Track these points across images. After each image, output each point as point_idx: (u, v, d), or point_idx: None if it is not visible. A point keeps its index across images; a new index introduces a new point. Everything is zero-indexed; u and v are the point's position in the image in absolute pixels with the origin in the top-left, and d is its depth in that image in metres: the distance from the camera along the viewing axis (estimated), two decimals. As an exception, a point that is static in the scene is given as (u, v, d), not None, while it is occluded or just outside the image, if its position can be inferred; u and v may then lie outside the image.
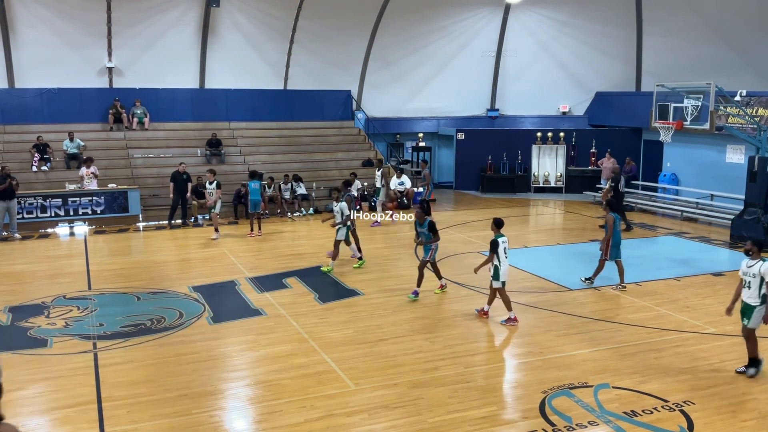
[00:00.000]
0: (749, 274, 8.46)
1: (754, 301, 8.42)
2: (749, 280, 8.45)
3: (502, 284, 10.54)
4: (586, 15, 26.13)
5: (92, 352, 9.46)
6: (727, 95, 17.15)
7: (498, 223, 10.70)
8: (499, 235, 10.56)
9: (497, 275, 10.49)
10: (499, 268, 10.44)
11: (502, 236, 10.58)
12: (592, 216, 20.62)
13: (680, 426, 7.27)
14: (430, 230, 11.83)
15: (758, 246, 8.57)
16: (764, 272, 8.30)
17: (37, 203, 18.32)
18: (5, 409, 7.70)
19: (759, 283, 8.36)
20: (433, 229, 11.88)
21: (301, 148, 24.15)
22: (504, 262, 10.47)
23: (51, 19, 21.64)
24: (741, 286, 8.62)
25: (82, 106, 22.47)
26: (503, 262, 10.45)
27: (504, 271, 10.49)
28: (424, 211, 11.99)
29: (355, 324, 10.63)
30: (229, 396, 8.13)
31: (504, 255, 10.46)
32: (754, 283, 8.41)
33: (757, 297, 8.39)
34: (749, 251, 8.56)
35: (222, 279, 13.34)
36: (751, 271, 8.45)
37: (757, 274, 8.37)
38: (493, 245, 10.46)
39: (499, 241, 10.45)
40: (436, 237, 11.87)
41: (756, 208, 16.44)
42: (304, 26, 24.25)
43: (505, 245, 10.54)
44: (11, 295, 12.25)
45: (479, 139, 25.68)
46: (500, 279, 10.49)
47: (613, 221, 12.64)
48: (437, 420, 7.41)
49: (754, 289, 8.41)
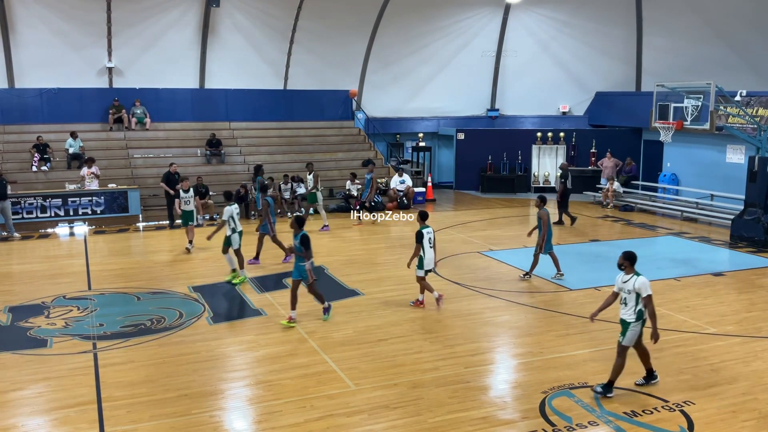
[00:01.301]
0: (624, 290, 7.94)
1: (630, 317, 7.91)
2: (625, 296, 7.94)
3: (425, 273, 11.19)
4: (586, 15, 26.14)
5: (92, 352, 9.46)
6: (727, 95, 17.16)
7: (423, 216, 11.31)
8: (424, 226, 11.15)
9: (421, 264, 11.12)
10: (423, 258, 11.07)
11: (427, 227, 11.19)
12: (592, 216, 20.62)
13: (680, 426, 7.27)
14: (302, 244, 10.36)
15: (630, 260, 7.98)
16: (639, 288, 7.79)
17: (37, 203, 18.31)
18: (5, 409, 7.71)
19: (635, 300, 7.85)
20: (306, 245, 10.37)
21: (301, 148, 24.14)
22: (428, 251, 11.10)
23: (51, 19, 21.65)
24: (612, 298, 8.16)
25: (82, 106, 22.48)
26: (427, 252, 11.08)
27: (428, 260, 11.12)
28: (297, 223, 10.57)
29: (355, 324, 10.63)
30: (229, 396, 8.13)
31: (429, 245, 11.09)
32: (630, 300, 7.89)
33: (632, 313, 7.87)
34: (621, 266, 8.00)
35: (222, 279, 13.34)
36: (626, 287, 7.92)
37: (632, 290, 7.85)
38: (418, 236, 11.04)
39: (423, 233, 11.05)
40: (307, 254, 10.38)
41: (756, 208, 16.45)
42: (304, 26, 24.26)
43: (430, 236, 11.15)
44: (11, 295, 12.26)
45: (479, 139, 25.69)
46: (424, 268, 11.15)
47: (547, 216, 12.79)
48: (437, 420, 7.41)
49: (630, 305, 7.89)
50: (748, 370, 8.78)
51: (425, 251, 11.07)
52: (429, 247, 11.12)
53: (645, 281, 7.83)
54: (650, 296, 7.81)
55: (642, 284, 7.82)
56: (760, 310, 11.31)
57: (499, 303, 11.75)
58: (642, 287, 7.81)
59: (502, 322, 10.84)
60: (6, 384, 8.39)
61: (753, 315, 11.07)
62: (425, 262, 11.11)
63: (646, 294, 7.78)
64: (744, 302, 11.86)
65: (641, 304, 7.83)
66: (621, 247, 16.33)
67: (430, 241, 11.16)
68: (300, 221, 10.59)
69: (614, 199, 22.09)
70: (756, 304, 11.72)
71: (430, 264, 11.20)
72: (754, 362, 9.03)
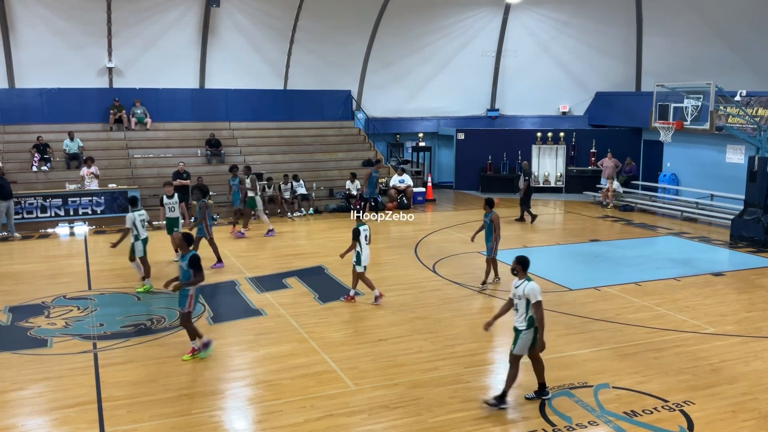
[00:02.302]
0: (516, 296, 7.65)
1: (521, 324, 7.61)
2: (516, 302, 7.66)
3: (363, 269, 11.56)
4: (586, 15, 26.13)
5: (92, 352, 9.46)
6: (727, 95, 17.17)
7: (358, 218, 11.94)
8: (360, 224, 11.54)
9: (359, 261, 11.51)
10: (361, 254, 11.46)
11: (364, 225, 11.56)
12: (592, 216, 20.63)
13: (680, 426, 7.27)
14: (191, 266, 8.95)
15: (522, 265, 7.73)
16: (529, 293, 7.49)
17: (37, 203, 18.30)
18: (5, 409, 7.72)
19: (525, 306, 7.55)
20: (196, 266, 8.95)
21: (301, 148, 24.15)
22: (365, 248, 11.48)
23: (51, 19, 21.64)
24: (508, 305, 7.91)
25: (82, 106, 22.47)
26: (364, 249, 11.47)
27: (365, 256, 11.51)
28: (186, 240, 9.14)
29: (355, 324, 10.63)
30: (229, 396, 8.13)
31: (365, 242, 11.47)
32: (521, 306, 7.58)
33: (523, 321, 7.58)
34: (514, 270, 7.76)
35: (222, 279, 13.34)
36: (517, 292, 7.62)
37: (522, 295, 7.55)
38: (355, 233, 11.44)
39: (360, 230, 11.44)
40: (198, 277, 8.99)
41: (756, 208, 16.45)
42: (304, 26, 24.25)
43: (366, 233, 11.51)
44: (11, 295, 12.25)
45: (479, 139, 25.69)
46: (362, 264, 11.51)
47: (498, 219, 12.60)
48: (437, 420, 7.41)
49: (521, 311, 7.60)
50: (748, 370, 8.78)
51: (362, 248, 11.46)
52: (365, 244, 11.52)
53: (535, 287, 7.54)
54: (539, 302, 7.49)
55: (531, 290, 7.51)
56: (760, 310, 11.32)
57: (499, 303, 11.70)
58: (531, 293, 7.49)
59: (502, 322, 10.78)
60: (6, 384, 8.39)
61: (753, 315, 11.07)
62: (362, 258, 11.50)
63: (536, 300, 7.47)
64: (744, 302, 11.87)
65: (532, 310, 7.52)
66: (621, 247, 16.39)
67: (367, 238, 11.55)
68: (188, 239, 9.18)
69: (614, 199, 22.10)
70: (756, 304, 11.72)
71: (367, 260, 11.61)
72: (754, 362, 9.04)
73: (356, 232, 11.43)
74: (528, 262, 7.82)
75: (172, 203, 14.50)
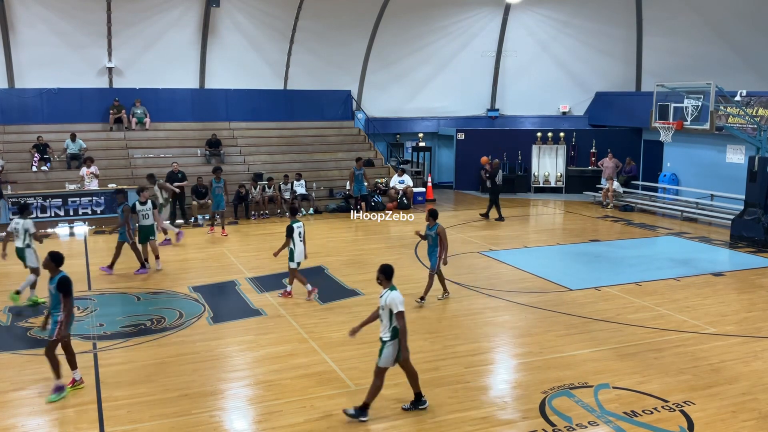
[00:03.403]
0: (380, 306, 7.39)
1: (385, 335, 7.31)
2: (381, 312, 7.38)
3: (297, 265, 11.77)
4: (586, 15, 26.12)
5: (92, 352, 9.46)
6: (727, 95, 17.17)
7: (292, 211, 12.22)
8: (294, 221, 11.76)
9: (292, 257, 11.70)
10: (294, 250, 11.65)
11: (298, 222, 11.81)
12: (592, 216, 20.62)
13: (680, 426, 7.27)
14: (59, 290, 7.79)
15: (385, 274, 7.46)
16: (390, 303, 7.22)
17: (37, 203, 18.28)
18: (5, 409, 7.71)
19: (389, 316, 7.27)
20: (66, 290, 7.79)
21: (301, 148, 24.15)
22: (298, 245, 11.72)
23: (51, 19, 21.63)
24: (377, 313, 7.59)
25: (82, 106, 22.47)
26: (297, 245, 11.68)
27: (298, 253, 11.72)
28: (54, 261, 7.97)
29: (355, 324, 10.59)
30: (229, 396, 8.13)
31: (299, 239, 11.73)
32: (385, 316, 7.31)
33: (387, 331, 7.29)
34: (378, 279, 7.51)
35: (222, 279, 13.34)
36: (380, 302, 7.38)
37: (384, 306, 7.29)
38: (288, 230, 11.62)
39: (294, 227, 11.66)
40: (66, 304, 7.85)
41: (756, 208, 16.45)
42: (304, 26, 24.25)
43: (300, 230, 11.78)
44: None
45: (479, 139, 25.67)
46: (295, 260, 11.73)
47: (444, 231, 11.61)
48: (437, 420, 7.41)
49: (385, 322, 7.31)
50: (748, 370, 8.78)
51: (296, 244, 11.66)
52: (299, 240, 11.75)
53: (396, 296, 7.26)
54: (401, 313, 7.23)
55: (392, 300, 7.24)
56: (760, 310, 11.32)
57: (499, 303, 11.75)
58: (393, 303, 7.22)
59: (502, 322, 10.84)
60: (6, 384, 8.39)
61: (753, 315, 11.07)
62: (296, 255, 11.69)
63: (397, 310, 7.21)
64: (744, 302, 11.87)
65: (395, 321, 7.24)
66: (621, 247, 16.41)
67: (300, 235, 11.78)
68: (56, 259, 8.08)
69: (614, 199, 22.10)
70: (756, 304, 11.73)
71: (300, 256, 11.81)
72: (754, 362, 9.04)
73: (290, 229, 11.64)
74: (391, 270, 7.51)
75: (146, 210, 14.08)
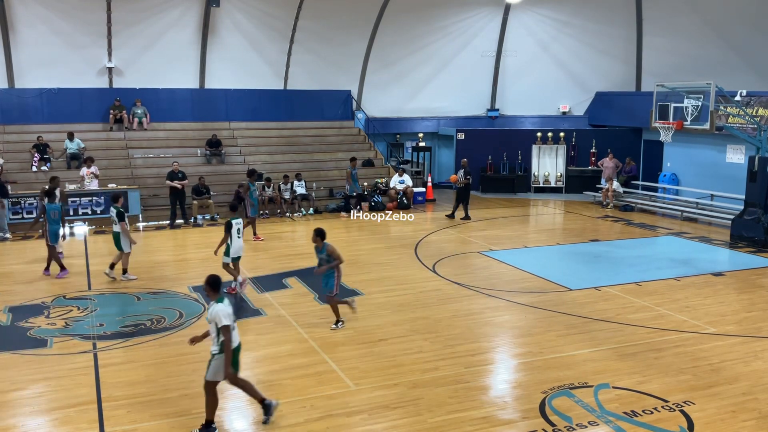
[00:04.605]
0: (207, 319, 7.10)
1: (214, 348, 7.04)
2: (210, 326, 7.06)
3: (231, 260, 12.03)
4: (586, 15, 26.13)
5: (92, 352, 9.46)
6: (727, 95, 17.17)
7: (232, 207, 12.81)
8: (234, 217, 12.12)
9: (228, 252, 11.99)
10: (230, 246, 11.95)
11: (237, 218, 12.17)
12: (592, 216, 20.62)
13: (680, 426, 7.27)
14: None
15: (210, 285, 7.14)
16: (215, 317, 6.91)
17: (37, 203, 18.28)
18: (5, 409, 7.71)
19: (215, 329, 6.98)
20: None
21: (301, 148, 24.14)
22: (236, 241, 12.00)
23: (51, 19, 21.63)
24: None
25: (82, 106, 22.47)
26: (235, 241, 11.98)
27: (235, 249, 12.00)
28: None
29: (355, 324, 10.62)
30: (229, 396, 8.11)
31: (237, 235, 12.00)
32: (213, 329, 7.02)
33: (216, 345, 7.02)
34: (204, 289, 7.22)
35: (222, 279, 13.30)
36: (207, 315, 7.09)
37: (210, 319, 6.99)
38: (227, 226, 11.97)
39: (233, 223, 11.98)
40: None
41: (756, 208, 16.45)
42: (304, 26, 24.25)
43: (239, 226, 12.10)
44: (11, 295, 12.25)
45: (479, 139, 25.67)
46: (230, 256, 12.00)
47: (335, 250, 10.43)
48: (437, 420, 7.41)
49: (214, 335, 7.03)
50: (748, 370, 8.77)
51: (233, 240, 11.94)
52: (237, 237, 12.01)
53: (221, 309, 6.92)
54: (226, 327, 6.91)
55: (217, 313, 6.91)
56: (760, 310, 11.31)
57: (499, 303, 11.75)
58: (216, 316, 6.91)
59: (502, 322, 10.84)
60: (6, 384, 8.39)
61: (753, 315, 11.07)
62: (232, 251, 11.96)
63: (222, 324, 6.90)
64: (744, 302, 11.86)
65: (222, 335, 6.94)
66: (621, 247, 16.43)
67: (239, 232, 12.08)
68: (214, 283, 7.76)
69: (614, 199, 22.10)
70: (756, 304, 11.72)
71: (237, 252, 12.08)
72: (754, 362, 9.03)
73: (228, 225, 11.94)
74: (217, 281, 7.18)
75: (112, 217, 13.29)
